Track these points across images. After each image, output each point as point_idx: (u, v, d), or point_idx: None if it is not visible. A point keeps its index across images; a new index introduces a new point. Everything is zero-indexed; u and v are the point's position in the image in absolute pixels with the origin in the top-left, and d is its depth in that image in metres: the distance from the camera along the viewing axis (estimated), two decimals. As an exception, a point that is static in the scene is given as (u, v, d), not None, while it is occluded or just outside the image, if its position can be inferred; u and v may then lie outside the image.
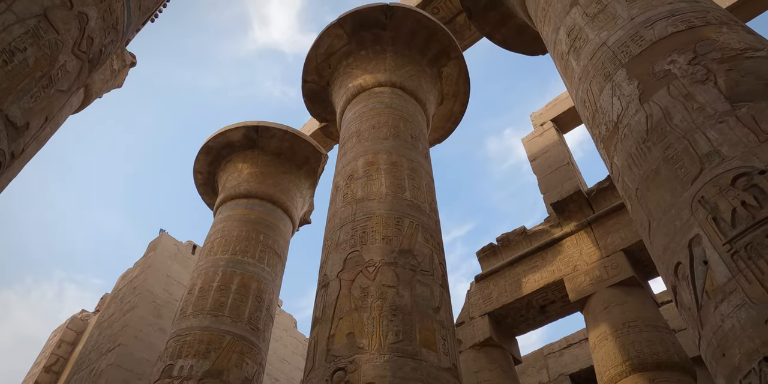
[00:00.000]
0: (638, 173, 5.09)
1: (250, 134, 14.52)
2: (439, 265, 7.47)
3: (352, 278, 7.23)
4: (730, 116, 4.58)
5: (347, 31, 12.26)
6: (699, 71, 5.19)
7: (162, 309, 15.85)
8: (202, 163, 15.16)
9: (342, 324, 6.63)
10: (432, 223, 8.16)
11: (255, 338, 10.65)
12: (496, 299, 11.61)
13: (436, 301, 6.78)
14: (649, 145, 5.09)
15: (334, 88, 12.81)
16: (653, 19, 6.20)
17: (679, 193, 4.50)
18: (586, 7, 7.37)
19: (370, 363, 5.98)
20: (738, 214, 3.96)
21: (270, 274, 12.10)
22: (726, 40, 5.32)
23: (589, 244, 10.92)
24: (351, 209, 8.48)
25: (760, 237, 3.74)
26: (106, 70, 13.91)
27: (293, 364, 18.71)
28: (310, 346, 6.96)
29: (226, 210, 13.57)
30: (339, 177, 9.68)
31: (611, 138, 5.74)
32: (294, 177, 14.38)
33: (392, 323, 6.31)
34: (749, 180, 4.06)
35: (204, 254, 12.43)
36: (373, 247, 7.50)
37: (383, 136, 9.84)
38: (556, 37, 7.83)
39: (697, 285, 3.99)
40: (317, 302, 7.56)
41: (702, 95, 4.94)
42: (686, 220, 4.31)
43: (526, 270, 11.55)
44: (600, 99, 6.17)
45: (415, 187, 8.67)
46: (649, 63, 5.74)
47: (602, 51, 6.53)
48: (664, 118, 5.10)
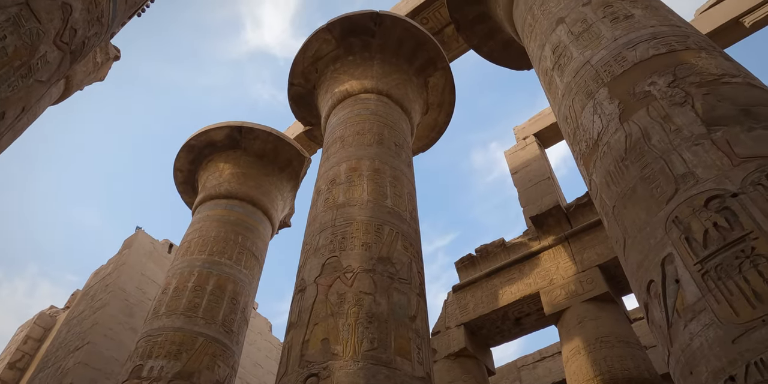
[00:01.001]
0: (616, 191, 5.18)
1: (234, 134, 14.40)
2: (417, 273, 7.48)
3: (329, 284, 7.20)
4: (705, 139, 4.69)
5: (336, 36, 12.27)
6: (678, 94, 5.31)
7: (134, 308, 15.55)
8: (182, 161, 14.97)
9: (317, 329, 6.58)
10: (412, 232, 8.18)
11: (228, 341, 10.51)
12: (473, 310, 11.65)
13: (412, 310, 6.78)
14: (627, 163, 5.19)
15: (320, 92, 12.79)
16: (635, 40, 6.34)
17: (654, 212, 4.59)
18: (572, 26, 7.50)
19: (344, 370, 5.94)
20: (710, 235, 4.05)
21: (247, 276, 11.97)
22: (704, 65, 5.46)
23: (565, 259, 11.05)
24: (332, 214, 8.45)
25: (730, 258, 3.83)
26: (89, 62, 13.69)
27: (266, 368, 18.50)
28: (284, 350, 6.90)
29: (205, 210, 13.41)
30: (321, 181, 9.64)
31: (591, 155, 5.84)
32: (276, 179, 14.28)
33: (368, 330, 6.29)
34: (722, 202, 4.16)
35: (180, 254, 12.26)
36: (352, 254, 7.48)
37: (367, 142, 9.85)
38: (541, 54, 7.95)
39: (668, 303, 4.07)
40: (293, 307, 7.51)
41: (680, 117, 5.05)
42: (660, 238, 4.40)
43: (504, 282, 11.63)
44: (582, 116, 6.27)
45: (396, 195, 8.68)
46: (630, 83, 5.86)
47: (586, 69, 6.64)
48: (643, 138, 5.21)
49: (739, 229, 3.91)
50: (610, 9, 7.21)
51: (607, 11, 7.19)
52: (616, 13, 7.04)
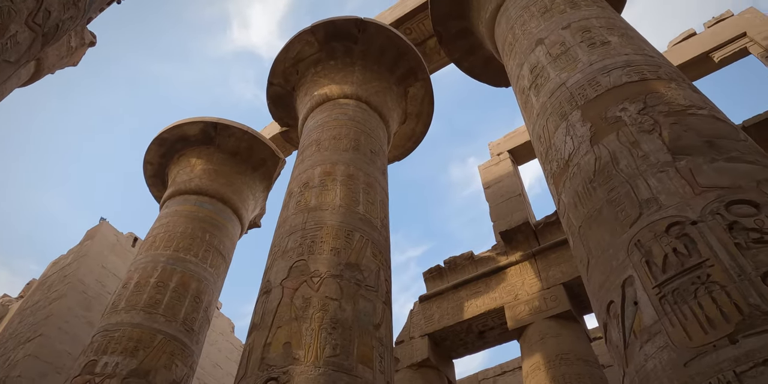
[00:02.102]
0: (583, 211, 5.29)
1: (208, 130, 14.16)
2: (385, 281, 7.47)
3: (295, 287, 7.12)
4: (670, 167, 4.83)
5: (319, 40, 12.23)
6: (647, 121, 5.46)
7: (92, 301, 15.08)
8: (153, 154, 14.64)
9: (280, 333, 6.50)
10: (382, 240, 8.17)
11: (188, 340, 10.27)
12: (438, 321, 11.66)
13: (377, 318, 6.76)
14: (595, 185, 5.31)
15: (299, 94, 12.71)
16: (610, 67, 6.51)
17: (618, 235, 4.71)
18: (551, 48, 7.66)
19: (304, 375, 5.88)
20: (669, 260, 4.17)
21: (212, 274, 11.75)
22: (673, 96, 5.64)
23: (531, 275, 11.15)
24: (302, 217, 8.38)
25: (687, 284, 3.95)
26: (63, 46, 13.30)
27: (226, 370, 18.10)
28: (245, 352, 6.79)
29: (174, 205, 13.13)
30: (294, 183, 9.57)
31: (561, 175, 5.95)
32: (248, 178, 14.09)
33: (331, 336, 6.24)
34: (682, 229, 4.29)
35: (145, 248, 11.96)
36: (321, 258, 7.43)
37: (343, 147, 9.82)
38: (519, 72, 8.08)
39: (626, 324, 4.17)
40: (257, 308, 7.40)
41: (647, 144, 5.20)
42: (622, 260, 4.51)
43: (470, 294, 11.67)
44: (555, 136, 6.40)
45: (369, 202, 8.67)
46: (602, 107, 6.00)
47: (561, 91, 6.79)
48: (611, 162, 5.34)
49: (696, 255, 4.03)
50: (588, 34, 7.39)
51: (585, 36, 7.37)
52: (594, 38, 7.22)
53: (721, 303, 3.67)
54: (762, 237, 3.88)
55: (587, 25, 7.56)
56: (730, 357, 3.36)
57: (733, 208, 4.18)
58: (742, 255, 3.83)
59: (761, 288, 3.58)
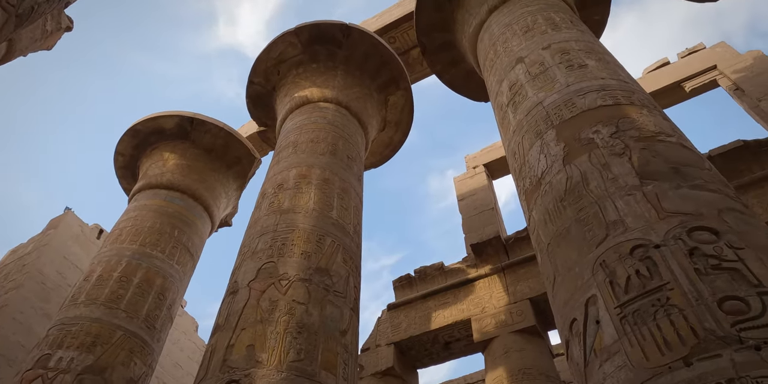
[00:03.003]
0: (552, 229, 5.37)
1: (184, 124, 13.91)
2: (354, 288, 7.43)
3: (263, 289, 7.04)
4: (637, 191, 4.96)
5: (302, 42, 12.17)
6: (618, 145, 5.60)
7: (51, 293, 14.58)
8: (125, 145, 14.30)
9: (244, 335, 6.41)
10: (354, 246, 8.14)
11: (149, 337, 10.00)
12: (405, 330, 11.61)
13: (344, 324, 6.72)
14: (565, 204, 5.41)
15: (279, 94, 12.61)
16: (586, 89, 6.66)
17: (584, 254, 4.80)
18: (530, 66, 7.79)
19: (266, 379, 5.81)
20: (632, 281, 4.26)
21: (178, 272, 11.49)
22: (645, 122, 5.80)
23: (499, 289, 11.20)
24: (274, 219, 8.29)
25: (647, 306, 4.04)
26: (37, 29, 12.93)
27: (186, 370, 17.63)
28: (207, 353, 6.67)
29: (143, 198, 12.83)
30: (268, 184, 9.47)
31: (533, 192, 6.04)
32: (222, 176, 13.88)
33: (296, 341, 6.18)
34: (645, 252, 4.39)
35: (110, 241, 11.64)
36: (290, 261, 7.36)
37: (320, 151, 9.77)
38: (499, 89, 8.20)
39: (587, 342, 4.24)
40: (222, 309, 7.28)
41: (617, 167, 5.32)
42: (587, 279, 4.59)
43: (438, 305, 11.66)
44: (529, 154, 6.50)
45: (343, 207, 8.63)
46: (576, 129, 6.13)
47: (538, 110, 6.90)
48: (582, 182, 5.44)
49: (657, 278, 4.13)
50: (566, 56, 7.55)
51: (564, 58, 7.52)
52: (572, 61, 7.38)
53: (678, 326, 3.76)
54: (720, 264, 4.00)
55: (566, 47, 7.72)
56: (684, 379, 3.45)
57: (695, 235, 4.30)
58: (700, 280, 3.94)
59: (717, 313, 3.69)
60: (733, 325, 3.55)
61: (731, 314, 3.63)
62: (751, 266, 3.89)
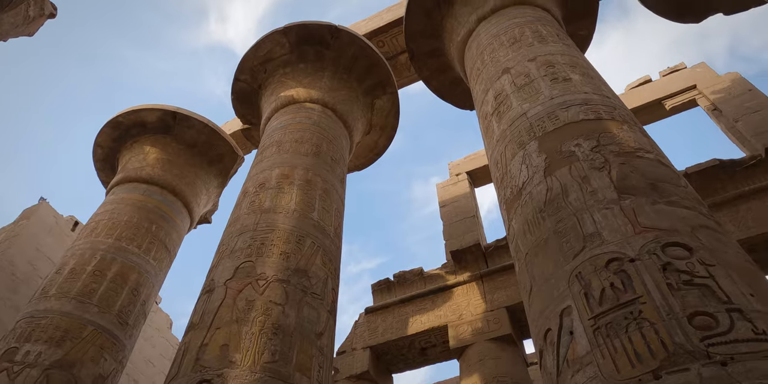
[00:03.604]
0: (531, 239, 5.42)
1: (167, 119, 13.69)
2: (332, 290, 7.39)
3: (239, 288, 6.95)
4: (615, 205, 5.03)
5: (291, 41, 12.09)
6: (598, 159, 5.67)
7: (21, 284, 14.20)
8: (106, 137, 14.03)
9: (218, 334, 6.32)
10: (333, 248, 8.10)
11: (121, 333, 9.79)
12: (382, 334, 11.56)
13: (320, 327, 6.67)
14: (545, 215, 5.46)
15: (265, 93, 12.52)
16: (569, 103, 6.74)
17: (561, 265, 4.85)
18: (516, 77, 7.87)
19: (239, 380, 5.73)
20: (606, 294, 4.32)
21: (154, 267, 11.29)
22: (625, 137, 5.89)
23: (477, 296, 11.21)
24: (255, 218, 8.21)
25: (620, 318, 4.10)
26: (19, 14, 12.64)
27: (159, 368, 17.26)
28: (179, 351, 6.56)
29: (122, 192, 12.59)
30: (250, 183, 9.38)
31: (514, 202, 6.09)
32: (203, 173, 13.69)
33: (271, 342, 6.12)
34: (620, 265, 4.45)
35: (85, 234, 11.39)
36: (269, 261, 7.29)
37: (304, 152, 9.71)
38: (484, 98, 8.25)
39: (561, 352, 4.28)
40: (197, 307, 7.18)
41: (596, 181, 5.39)
42: (562, 290, 4.64)
43: (415, 310, 11.64)
44: (511, 164, 6.55)
45: (324, 209, 8.59)
46: (558, 141, 6.20)
47: (521, 120, 6.97)
48: (562, 194, 5.50)
49: (631, 292, 4.19)
50: (551, 69, 7.64)
51: (549, 71, 7.61)
52: (557, 74, 7.47)
53: (649, 339, 3.82)
54: (692, 279, 4.07)
55: (552, 61, 7.82)
56: (653, 392, 3.51)
57: (669, 250, 4.38)
58: (672, 295, 4.00)
59: (687, 328, 3.76)
60: (702, 340, 3.62)
61: (700, 329, 3.70)
62: (721, 283, 3.97)
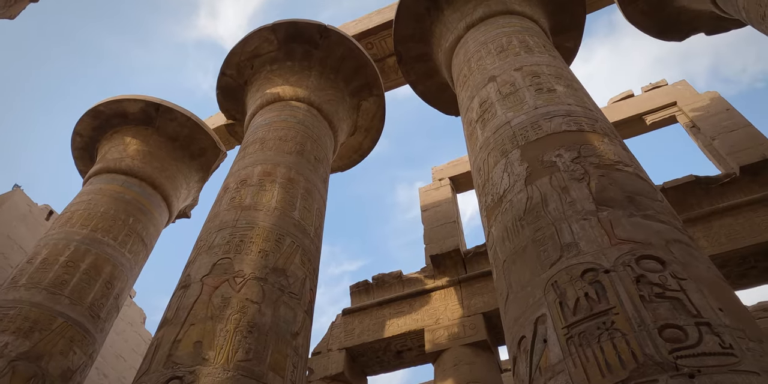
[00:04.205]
0: (509, 247, 5.45)
1: (150, 110, 13.46)
2: (310, 291, 7.33)
3: (216, 285, 6.86)
4: (593, 216, 5.08)
5: (279, 38, 11.99)
6: (578, 170, 5.73)
7: (-10, 273, 13.80)
8: (85, 125, 13.73)
9: (192, 330, 6.22)
10: (313, 248, 8.04)
11: (92, 327, 9.56)
12: (358, 336, 11.49)
13: (297, 326, 6.61)
14: (524, 223, 5.50)
15: (250, 89, 12.39)
16: (553, 113, 6.80)
17: (537, 273, 4.88)
18: (501, 86, 7.92)
19: (211, 377, 5.65)
20: (580, 303, 4.36)
21: (130, 261, 11.06)
22: (605, 150, 5.97)
23: (454, 301, 11.21)
24: (234, 214, 8.12)
25: (593, 328, 4.14)
26: (1, -4, 12.26)
27: (130, 363, 16.80)
28: (152, 346, 6.44)
29: (100, 182, 12.33)
30: (231, 179, 9.27)
31: (494, 209, 6.12)
32: (185, 166, 13.48)
33: (246, 340, 6.04)
34: (595, 275, 4.50)
35: (59, 223, 11.12)
36: (247, 259, 7.21)
37: (287, 150, 9.63)
38: (470, 104, 8.29)
39: (534, 360, 4.31)
40: (172, 302, 7.06)
41: (576, 191, 5.45)
42: (538, 298, 4.67)
43: (393, 313, 11.60)
44: (493, 171, 6.59)
45: (305, 208, 8.52)
46: (540, 151, 6.25)
47: (505, 129, 7.01)
48: (541, 203, 5.54)
49: (605, 302, 4.24)
50: (537, 79, 7.71)
51: (534, 81, 7.68)
52: (542, 84, 7.54)
53: (620, 349, 3.86)
54: (664, 292, 4.13)
55: (538, 71, 7.89)
56: (621, 401, 3.55)
57: (643, 263, 4.44)
58: (644, 307, 4.05)
59: (657, 340, 3.81)
60: (671, 352, 3.67)
61: (670, 342, 3.75)
62: (691, 297, 4.04)
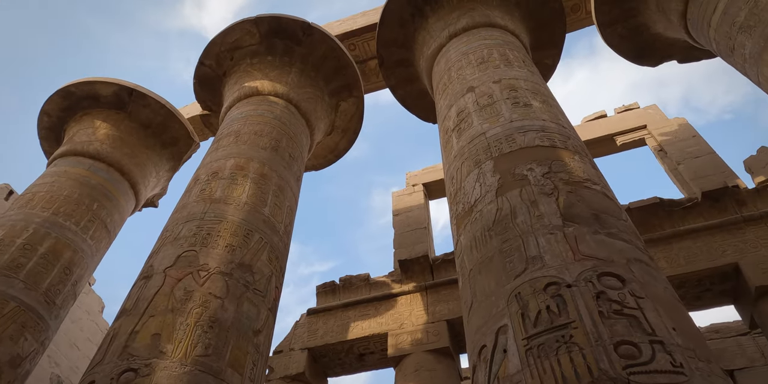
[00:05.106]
0: (477, 256, 5.48)
1: (122, 94, 13.03)
2: (275, 288, 7.21)
3: (179, 277, 6.68)
4: (559, 231, 5.16)
5: (261, 32, 11.80)
6: (548, 185, 5.81)
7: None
8: (54, 105, 13.20)
9: (151, 322, 6.04)
10: (282, 246, 7.91)
11: (46, 313, 9.16)
12: (321, 337, 11.33)
13: (259, 324, 6.48)
14: (492, 234, 5.54)
15: (228, 81, 12.16)
16: (527, 128, 6.89)
17: (502, 284, 4.92)
18: (480, 97, 7.98)
19: (167, 371, 5.48)
20: (541, 316, 4.41)
21: (91, 247, 10.65)
22: (575, 167, 6.07)
23: (420, 307, 11.16)
24: (203, 206, 7.94)
25: (552, 341, 4.19)
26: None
27: (84, 352, 16.10)
28: (107, 337, 6.23)
29: (65, 165, 11.86)
30: (202, 170, 9.06)
31: (464, 218, 6.15)
32: (155, 155, 13.10)
33: (206, 335, 5.89)
34: (557, 289, 4.56)
35: (19, 204, 10.64)
36: (213, 252, 7.05)
37: (262, 145, 9.48)
38: (447, 113, 8.32)
39: (493, 369, 4.34)
40: (132, 292, 6.85)
41: (544, 206, 5.52)
42: (501, 309, 4.71)
43: (358, 316, 11.49)
44: (466, 180, 6.62)
45: (276, 205, 8.39)
46: (513, 163, 6.31)
47: (480, 139, 7.06)
48: (510, 215, 5.60)
49: (565, 316, 4.30)
50: (514, 93, 7.80)
51: (512, 94, 7.77)
52: (518, 98, 7.63)
53: (576, 363, 3.92)
54: (622, 309, 4.22)
55: (516, 85, 7.98)
56: (574, 414, 3.60)
57: (604, 279, 4.52)
58: (602, 323, 4.13)
59: (612, 355, 3.88)
60: (625, 368, 3.74)
61: (624, 358, 3.83)
62: (647, 315, 4.14)
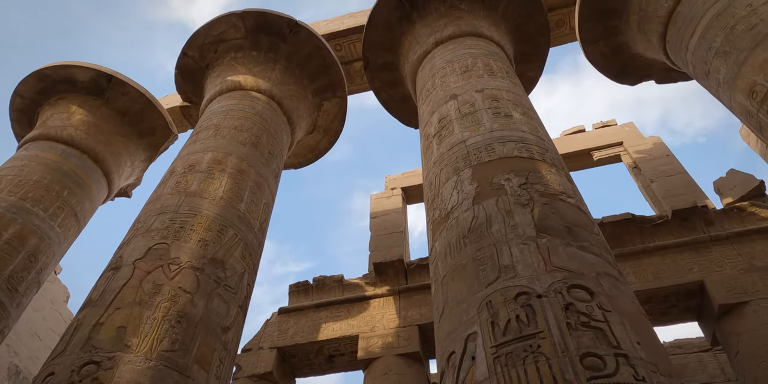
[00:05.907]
0: (450, 263, 5.49)
1: (100, 80, 12.66)
2: (247, 286, 7.08)
3: (149, 270, 6.51)
4: (532, 241, 5.20)
5: (247, 27, 11.63)
6: (524, 196, 5.85)
7: None
8: (28, 87, 12.74)
9: (117, 315, 5.86)
10: (256, 243, 7.78)
11: (8, 300, 8.78)
12: (291, 336, 11.18)
13: (228, 321, 6.36)
14: (467, 241, 5.55)
15: (211, 74, 11.94)
16: (506, 138, 6.94)
17: (474, 292, 4.93)
18: (462, 105, 8.01)
19: (131, 365, 5.33)
20: (511, 325, 4.43)
21: (58, 235, 10.28)
22: (551, 180, 6.14)
23: (392, 311, 11.09)
24: (178, 199, 7.76)
25: (519, 350, 4.21)
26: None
27: (45, 342, 15.43)
28: (70, 328, 6.03)
29: (36, 149, 11.46)
30: (179, 162, 8.87)
31: (440, 224, 6.15)
32: (131, 144, 12.75)
33: (173, 330, 5.75)
34: (528, 299, 4.59)
35: (-16, 187, 10.23)
36: (185, 246, 6.89)
37: (242, 140, 9.32)
38: (429, 119, 8.33)
39: (461, 376, 4.34)
40: (99, 283, 6.65)
41: (519, 216, 5.55)
42: (472, 316, 4.72)
43: (329, 317, 11.36)
44: (444, 187, 6.63)
45: (253, 202, 8.26)
46: (491, 172, 6.34)
47: (460, 147, 7.08)
48: (486, 224, 5.61)
49: (534, 326, 4.33)
50: (496, 103, 7.85)
51: (493, 104, 7.82)
52: (500, 109, 7.69)
53: (542, 373, 3.94)
54: (589, 322, 4.27)
55: (498, 95, 8.04)
56: (538, 424, 3.62)
57: (573, 291, 4.57)
58: (570, 334, 4.16)
59: (577, 367, 3.92)
60: (589, 380, 3.78)
61: (589, 369, 3.87)
62: (614, 329, 4.19)
